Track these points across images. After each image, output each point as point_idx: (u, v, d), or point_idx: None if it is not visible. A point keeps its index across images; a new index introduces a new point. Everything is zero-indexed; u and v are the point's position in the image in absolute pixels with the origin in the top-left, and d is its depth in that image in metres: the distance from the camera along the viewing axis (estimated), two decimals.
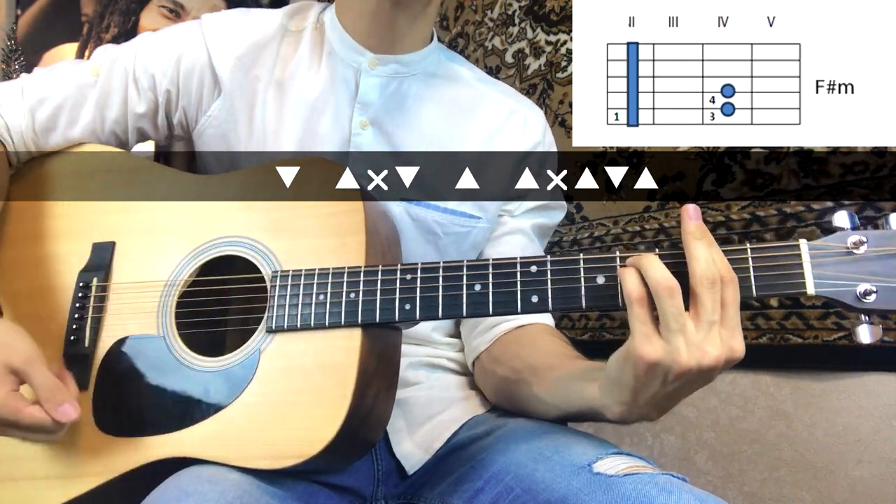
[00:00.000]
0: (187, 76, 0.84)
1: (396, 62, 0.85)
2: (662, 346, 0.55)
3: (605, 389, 0.62)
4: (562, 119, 1.44)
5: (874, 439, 0.96)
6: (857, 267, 0.57)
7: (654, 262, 0.57)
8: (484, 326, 0.86)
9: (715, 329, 0.55)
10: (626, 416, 0.62)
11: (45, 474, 0.70)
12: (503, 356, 0.82)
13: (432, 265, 0.66)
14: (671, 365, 0.55)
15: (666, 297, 0.55)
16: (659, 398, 0.59)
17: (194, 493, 0.57)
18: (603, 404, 0.63)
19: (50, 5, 1.93)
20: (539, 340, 0.82)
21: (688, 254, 0.57)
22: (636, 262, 0.58)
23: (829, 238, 0.58)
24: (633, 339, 0.57)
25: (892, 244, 0.57)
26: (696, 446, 1.17)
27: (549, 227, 0.93)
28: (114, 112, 0.84)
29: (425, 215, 0.83)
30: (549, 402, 0.73)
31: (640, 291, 0.57)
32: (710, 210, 1.15)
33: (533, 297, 0.62)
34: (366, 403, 0.65)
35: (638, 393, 0.59)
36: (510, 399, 0.81)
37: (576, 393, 0.67)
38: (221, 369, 0.68)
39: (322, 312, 0.67)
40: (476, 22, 1.72)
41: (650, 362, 0.56)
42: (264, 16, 0.88)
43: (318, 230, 0.71)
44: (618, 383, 0.60)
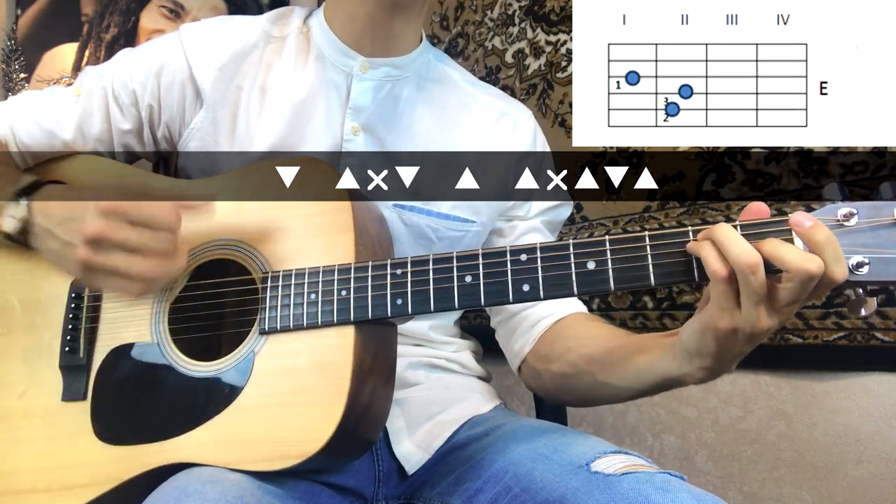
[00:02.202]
0: (168, 89, 0.82)
1: (388, 65, 0.84)
2: (742, 317, 0.56)
3: (683, 359, 0.63)
4: (562, 119, 1.44)
5: (874, 439, 0.96)
6: (848, 239, 0.56)
7: (734, 237, 0.56)
8: (523, 329, 0.86)
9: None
10: (708, 377, 0.63)
11: (45, 486, 0.70)
12: (553, 353, 0.82)
13: (422, 259, 0.66)
14: (751, 330, 0.56)
15: (749, 273, 0.54)
16: (741, 353, 0.60)
17: (194, 493, 0.57)
18: (684, 373, 0.64)
19: (50, 5, 1.93)
20: (584, 330, 0.82)
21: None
22: (709, 234, 0.57)
23: (818, 211, 0.57)
24: (712, 313, 0.57)
25: (883, 214, 0.55)
26: (696, 446, 1.17)
27: (558, 223, 0.94)
28: (95, 130, 0.84)
29: (418, 220, 0.83)
30: (621, 385, 0.72)
31: (726, 269, 0.56)
32: (710, 210, 1.15)
33: (524, 285, 0.62)
34: (362, 401, 0.65)
35: (720, 357, 0.60)
36: (573, 392, 0.81)
37: (648, 371, 0.67)
38: (216, 373, 0.68)
39: (314, 312, 0.67)
40: (476, 22, 1.72)
41: (729, 330, 0.57)
42: (245, 23, 0.86)
43: (308, 230, 0.70)
44: (698, 353, 0.61)
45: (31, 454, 0.71)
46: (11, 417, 0.73)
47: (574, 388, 0.80)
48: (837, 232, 0.56)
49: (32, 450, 0.72)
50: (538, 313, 0.84)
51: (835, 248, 0.54)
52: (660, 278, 0.59)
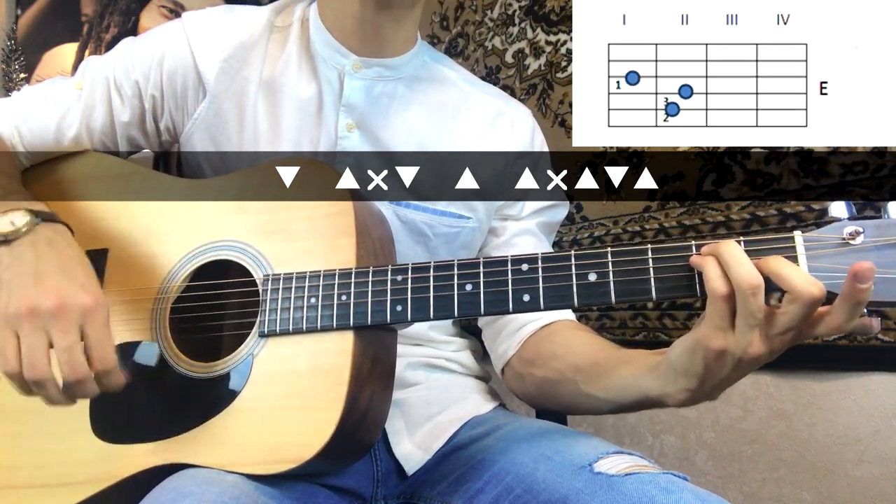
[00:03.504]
0: (171, 78, 0.82)
1: (381, 66, 0.83)
2: (735, 339, 0.55)
3: (668, 378, 0.61)
4: (562, 119, 1.44)
5: (874, 439, 0.96)
6: (853, 258, 0.55)
7: (739, 256, 0.55)
8: (508, 331, 0.85)
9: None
10: (689, 401, 0.62)
11: (43, 482, 0.70)
12: (538, 358, 0.81)
13: (423, 265, 0.65)
14: (742, 355, 0.55)
15: (750, 295, 0.54)
16: (726, 381, 0.59)
17: (191, 494, 0.57)
18: (665, 393, 0.62)
19: (50, 5, 1.93)
20: (571, 338, 0.80)
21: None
22: (714, 249, 0.56)
23: (824, 229, 0.57)
24: (704, 331, 0.56)
25: (889, 234, 0.55)
26: (696, 446, 1.17)
27: (554, 224, 0.93)
28: (99, 123, 0.83)
29: (414, 217, 0.83)
30: (602, 397, 0.71)
31: (727, 288, 0.55)
32: (710, 210, 1.15)
33: (525, 295, 0.62)
34: (360, 406, 0.65)
35: (706, 380, 0.58)
36: (555, 399, 0.80)
37: (632, 386, 0.66)
38: (215, 375, 0.68)
39: (314, 316, 0.66)
40: (476, 22, 1.72)
41: (719, 351, 0.56)
42: (250, 13, 0.85)
43: (309, 232, 0.70)
44: (685, 373, 0.59)
45: (30, 451, 0.71)
46: (10, 414, 0.73)
47: (557, 394, 0.79)
48: (843, 251, 0.55)
49: (31, 446, 0.72)
50: (525, 317, 0.84)
51: (859, 307, 0.53)
52: (661, 292, 0.59)
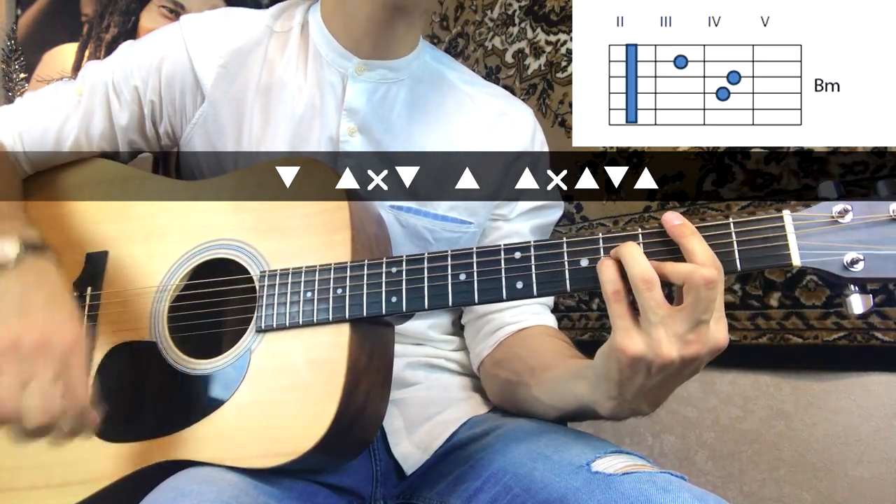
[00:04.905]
0: (169, 83, 0.81)
1: (384, 68, 0.83)
2: (643, 339, 0.55)
3: (593, 385, 0.63)
4: (562, 119, 1.44)
5: (874, 439, 0.96)
6: (843, 236, 0.56)
7: (635, 254, 0.56)
8: (486, 332, 0.85)
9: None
10: (617, 411, 0.62)
11: (44, 483, 0.70)
12: (505, 360, 0.82)
13: (417, 257, 0.66)
14: (653, 358, 0.55)
15: (644, 290, 0.55)
16: (646, 391, 0.59)
17: (191, 494, 0.57)
18: (593, 400, 0.63)
19: (50, 5, 1.93)
20: (539, 342, 0.81)
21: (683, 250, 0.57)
22: (617, 252, 0.58)
23: (813, 208, 0.57)
24: (614, 334, 0.57)
25: (878, 211, 0.56)
26: (696, 446, 1.17)
27: (548, 226, 0.93)
28: (98, 128, 0.83)
29: (415, 222, 0.83)
30: (547, 402, 0.72)
31: (616, 285, 0.57)
32: (710, 210, 1.15)
33: (518, 283, 0.63)
34: (357, 399, 0.66)
35: (623, 386, 0.59)
36: (512, 401, 0.81)
37: (568, 392, 0.68)
38: (213, 371, 0.69)
39: (310, 309, 0.67)
40: (476, 22, 1.72)
41: (632, 356, 0.56)
42: (248, 17, 0.85)
43: (306, 229, 0.71)
44: (604, 378, 0.60)
45: (30, 451, 0.71)
46: None
47: (513, 396, 0.80)
48: (832, 229, 0.56)
49: (31, 447, 0.72)
50: (503, 319, 0.84)
51: (702, 243, 0.56)
52: None
